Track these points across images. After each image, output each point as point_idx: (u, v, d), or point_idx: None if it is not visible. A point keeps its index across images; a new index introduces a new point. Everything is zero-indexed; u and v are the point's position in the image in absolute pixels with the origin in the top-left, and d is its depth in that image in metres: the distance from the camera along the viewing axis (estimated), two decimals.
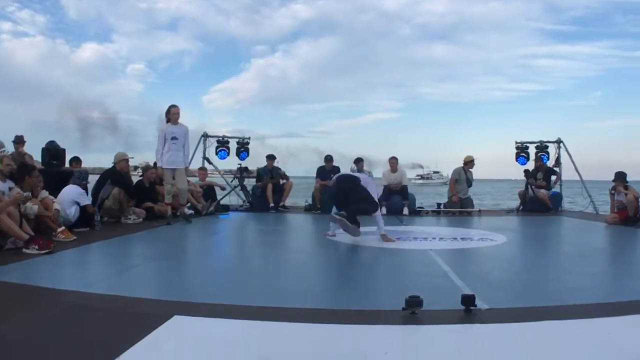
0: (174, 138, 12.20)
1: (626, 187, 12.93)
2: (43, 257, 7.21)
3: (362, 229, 10.27)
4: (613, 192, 13.33)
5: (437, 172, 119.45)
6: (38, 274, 6.49)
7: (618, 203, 13.11)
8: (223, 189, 17.52)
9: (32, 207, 8.49)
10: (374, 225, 10.32)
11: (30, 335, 4.03)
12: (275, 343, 3.96)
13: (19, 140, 12.87)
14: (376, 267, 7.98)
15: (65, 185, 10.64)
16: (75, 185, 10.51)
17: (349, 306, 5.16)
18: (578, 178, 18.42)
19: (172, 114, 12.31)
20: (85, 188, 10.99)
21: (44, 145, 13.21)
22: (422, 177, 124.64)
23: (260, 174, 17.57)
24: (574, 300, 5.35)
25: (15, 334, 4.04)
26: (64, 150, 13.44)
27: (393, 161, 16.98)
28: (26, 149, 13.01)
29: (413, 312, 4.54)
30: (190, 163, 13.35)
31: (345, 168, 14.30)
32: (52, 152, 13.07)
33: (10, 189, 8.48)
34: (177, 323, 4.34)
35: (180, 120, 12.20)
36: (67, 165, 13.55)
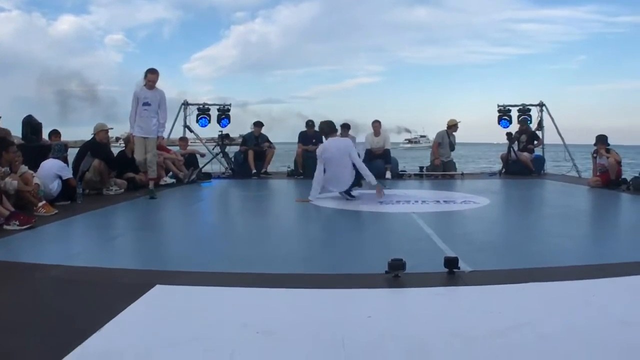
0: (146, 104, 11.25)
1: (608, 151, 12.94)
2: (24, 233, 7.14)
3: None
4: (595, 155, 13.36)
5: (424, 137, 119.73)
6: (19, 249, 6.43)
7: (600, 166, 13.15)
8: (203, 155, 17.41)
9: (12, 183, 8.40)
10: (355, 190, 10.50)
11: (11, 311, 4.00)
12: (259, 309, 3.96)
13: None
14: (359, 231, 7.99)
15: (43, 159, 10.53)
16: (56, 159, 10.39)
17: (332, 271, 5.18)
18: (561, 142, 18.47)
19: (147, 80, 11.30)
20: (65, 161, 10.86)
21: (21, 120, 13.06)
22: (409, 141, 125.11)
23: (246, 140, 17.53)
24: (557, 263, 5.40)
25: None
26: (40, 124, 13.28)
27: (376, 125, 17.00)
28: (3, 124, 12.88)
29: (396, 275, 4.55)
30: (164, 132, 12.32)
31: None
32: (33, 125, 12.93)
33: None
34: (160, 292, 4.33)
35: (160, 88, 11.66)
36: (45, 138, 13.39)
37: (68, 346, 3.11)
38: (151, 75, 11.34)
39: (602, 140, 13.13)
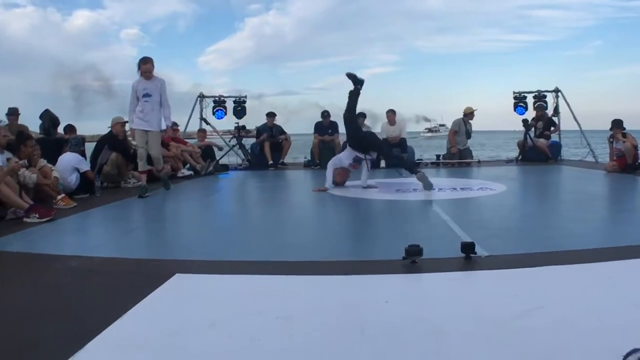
0: (146, 95, 10.26)
1: (624, 135, 12.88)
2: (44, 225, 7.21)
3: (359, 182, 11.03)
4: (611, 140, 13.29)
5: (443, 125, 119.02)
6: (39, 241, 6.48)
7: (616, 151, 13.09)
8: (221, 149, 17.45)
9: (31, 177, 8.48)
10: (372, 179, 10.71)
11: (34, 300, 4.06)
12: (277, 296, 3.99)
13: (13, 113, 12.79)
14: (376, 219, 8.02)
15: (60, 153, 10.61)
16: (73, 153, 10.46)
17: (349, 257, 5.22)
18: (577, 127, 18.37)
19: (142, 71, 10.28)
20: (82, 154, 10.91)
21: (39, 115, 13.12)
22: (429, 130, 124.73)
23: (260, 131, 17.52)
24: (573, 246, 5.38)
25: (19, 300, 4.08)
26: (58, 118, 13.34)
27: (390, 114, 16.98)
28: (21, 120, 12.96)
29: (413, 261, 4.57)
30: (170, 123, 11.21)
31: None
32: (53, 119, 12.99)
33: (8, 159, 8.47)
34: (179, 281, 4.38)
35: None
36: (60, 133, 13.44)
37: (90, 334, 3.16)
38: (145, 66, 10.33)
39: (617, 124, 13.08)
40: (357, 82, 11.17)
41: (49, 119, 12.80)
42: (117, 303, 3.76)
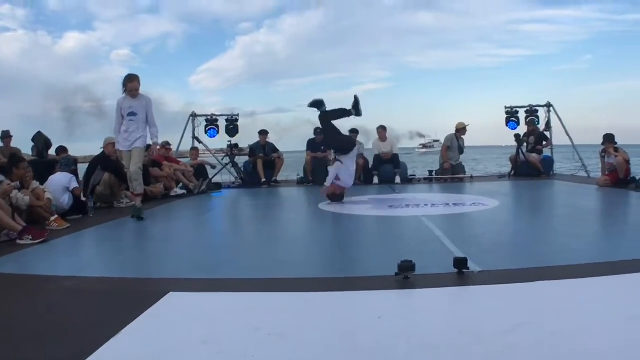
0: (131, 114, 9.76)
1: (616, 150, 12.92)
2: (37, 247, 7.19)
3: (354, 198, 11.33)
4: (603, 154, 13.32)
5: (437, 141, 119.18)
6: (33, 262, 6.47)
7: (609, 166, 13.12)
8: (214, 167, 17.46)
9: (24, 199, 8.49)
10: (365, 195, 10.59)
11: (28, 321, 4.06)
12: (270, 313, 4.00)
13: (5, 135, 12.81)
14: (369, 235, 8.02)
15: (51, 174, 10.60)
16: (63, 173, 10.43)
17: (342, 274, 5.22)
18: (569, 142, 18.43)
19: (128, 90, 9.71)
20: (74, 174, 10.86)
21: (31, 137, 13.14)
22: (424, 146, 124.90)
23: (253, 150, 17.52)
24: (566, 261, 5.38)
25: (12, 320, 4.08)
26: (49, 140, 13.35)
27: (381, 130, 17.06)
28: (13, 143, 12.99)
29: (406, 276, 4.59)
30: (157, 139, 10.46)
31: None
32: (46, 141, 13.00)
33: (0, 182, 8.47)
34: (173, 299, 4.38)
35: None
36: (52, 154, 13.44)
37: (84, 353, 3.17)
38: (131, 84, 9.73)
39: (609, 139, 13.12)
40: (317, 105, 11.70)
41: (42, 141, 12.82)
42: (110, 322, 3.75)
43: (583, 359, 2.95)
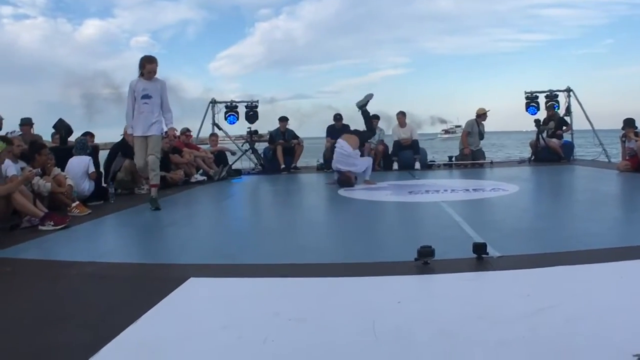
0: (145, 97, 9.34)
1: (637, 134, 12.74)
2: (59, 232, 7.27)
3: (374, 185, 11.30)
4: (624, 139, 13.16)
5: (459, 126, 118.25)
6: (54, 248, 6.56)
7: (629, 150, 12.95)
8: (234, 153, 17.48)
9: (45, 185, 8.55)
10: (385, 181, 10.61)
11: (49, 306, 4.12)
12: (290, 298, 4.03)
13: (26, 122, 12.87)
14: (388, 221, 8.04)
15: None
16: (80, 157, 10.44)
17: (362, 259, 5.21)
18: (589, 127, 18.30)
19: (147, 71, 9.33)
20: (90, 156, 10.81)
21: (52, 124, 13.18)
22: (446, 131, 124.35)
23: (273, 137, 17.53)
24: (585, 246, 5.36)
25: (34, 305, 4.14)
26: (70, 127, 13.40)
27: (400, 116, 17.02)
28: (35, 130, 13.04)
29: (425, 262, 4.58)
30: (171, 125, 10.29)
31: (358, 125, 14.09)
32: (67, 128, 13.02)
33: (22, 169, 8.53)
34: (193, 285, 4.41)
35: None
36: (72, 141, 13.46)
37: (105, 338, 3.20)
38: (150, 65, 9.35)
39: (629, 123, 12.99)
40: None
41: (64, 128, 12.86)
42: (131, 307, 3.79)
43: (602, 343, 2.94)
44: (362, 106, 12.19)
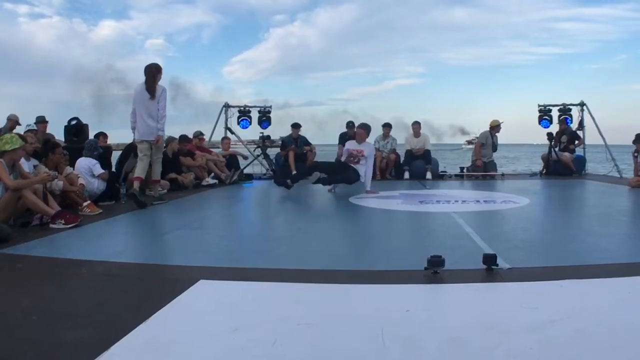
0: (147, 102, 10.08)
1: None
2: (70, 231, 7.30)
3: (382, 193, 11.55)
4: (636, 154, 13.10)
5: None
6: (65, 246, 6.59)
7: None
8: (246, 158, 17.48)
9: (58, 183, 8.60)
10: (396, 190, 10.62)
11: (59, 304, 4.14)
12: (299, 303, 4.03)
13: (41, 121, 12.96)
14: (399, 230, 8.03)
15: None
16: (87, 158, 10.47)
17: (371, 267, 5.23)
18: (602, 142, 18.24)
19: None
20: (97, 158, 10.84)
21: (64, 123, 13.28)
22: (469, 142, 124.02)
23: (285, 143, 17.45)
24: (595, 261, 5.37)
25: (44, 303, 4.15)
26: (86, 125, 13.47)
27: (415, 126, 17.04)
28: (50, 129, 13.14)
29: (435, 271, 4.60)
30: (162, 131, 10.51)
31: (371, 133, 14.04)
32: (70, 130, 13.10)
33: (35, 166, 8.58)
34: (203, 287, 4.43)
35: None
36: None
37: (115, 337, 3.22)
38: (160, 75, 10.20)
39: None
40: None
41: (73, 130, 12.95)
42: (141, 308, 3.81)
43: (609, 358, 2.94)
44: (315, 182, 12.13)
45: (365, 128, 12.40)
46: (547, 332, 3.29)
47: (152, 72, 10.14)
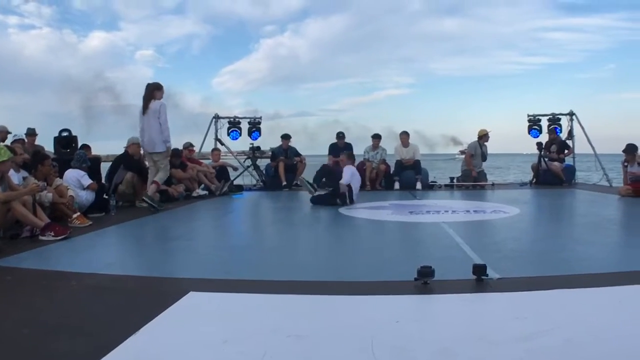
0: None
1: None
2: (59, 243, 7.29)
3: (372, 203, 11.56)
4: (626, 164, 13.14)
5: None
6: (54, 259, 6.56)
7: (631, 175, 12.92)
8: (236, 169, 17.47)
9: (47, 195, 8.57)
10: (386, 200, 10.71)
11: (48, 316, 4.13)
12: (289, 315, 4.04)
13: (31, 133, 12.93)
14: (389, 241, 8.03)
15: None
16: (75, 169, 10.45)
17: (361, 278, 5.23)
18: (591, 151, 18.30)
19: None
20: (86, 170, 10.82)
21: (54, 135, 13.24)
22: (462, 152, 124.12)
23: (275, 154, 17.46)
24: (585, 270, 5.40)
25: (33, 315, 4.14)
26: (75, 137, 13.43)
27: (404, 136, 17.02)
28: (39, 140, 13.11)
29: (425, 282, 4.60)
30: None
31: (362, 143, 14.15)
32: (61, 141, 13.07)
33: (24, 178, 8.56)
34: (193, 299, 4.42)
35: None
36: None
37: (104, 349, 3.22)
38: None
39: (631, 149, 12.97)
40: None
41: (61, 142, 12.92)
42: (131, 320, 3.80)
43: None
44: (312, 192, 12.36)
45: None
46: (536, 342, 3.30)
47: (148, 89, 11.11)
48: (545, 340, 3.33)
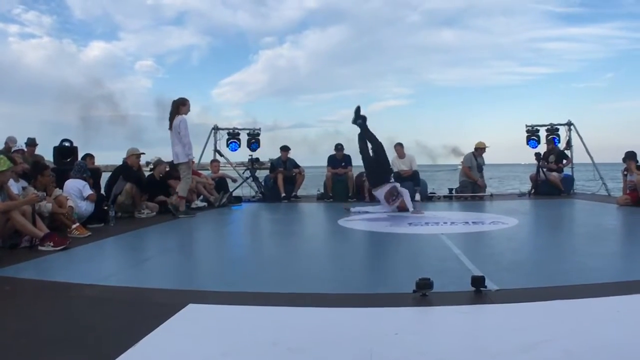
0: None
1: (638, 168, 12.76)
2: (58, 254, 7.29)
3: (371, 215, 11.66)
4: (625, 172, 13.15)
5: None
6: (53, 269, 6.57)
7: (630, 184, 12.95)
8: (235, 180, 17.50)
9: (47, 205, 8.59)
10: (384, 212, 10.82)
11: (46, 327, 4.12)
12: (289, 328, 4.02)
13: (31, 143, 12.94)
14: (387, 252, 8.02)
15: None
16: (75, 179, 10.47)
17: (360, 290, 5.23)
18: (590, 161, 18.32)
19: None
20: (88, 180, 10.83)
21: (56, 145, 13.26)
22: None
23: (274, 165, 17.48)
24: (583, 280, 5.38)
25: (32, 326, 4.13)
26: (76, 147, 13.44)
27: (399, 148, 17.01)
28: (38, 150, 13.12)
29: (424, 294, 4.60)
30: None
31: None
32: (62, 151, 13.09)
33: (23, 188, 8.57)
34: (192, 311, 4.41)
35: (186, 114, 12.08)
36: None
37: None
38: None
39: (631, 156, 12.96)
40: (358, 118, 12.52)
41: (60, 152, 12.95)
42: (129, 332, 3.79)
43: None
44: (355, 120, 12.42)
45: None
46: (536, 354, 3.29)
47: (173, 106, 12.08)
48: (545, 351, 3.33)
